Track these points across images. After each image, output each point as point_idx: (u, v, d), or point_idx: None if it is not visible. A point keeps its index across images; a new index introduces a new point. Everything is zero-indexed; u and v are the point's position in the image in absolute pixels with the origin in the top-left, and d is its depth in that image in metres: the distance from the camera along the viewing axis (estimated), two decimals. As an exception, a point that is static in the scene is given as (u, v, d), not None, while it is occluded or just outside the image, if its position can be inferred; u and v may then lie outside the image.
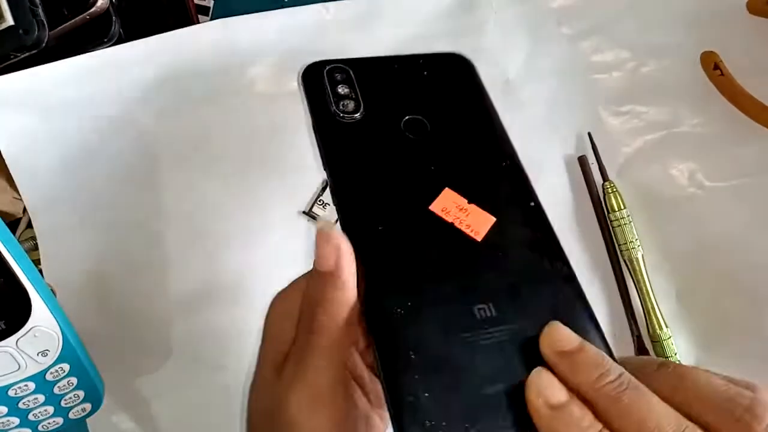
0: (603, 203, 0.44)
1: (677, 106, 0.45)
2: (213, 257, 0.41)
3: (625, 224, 0.42)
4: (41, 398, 0.31)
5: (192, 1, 0.44)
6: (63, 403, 0.32)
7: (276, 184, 0.42)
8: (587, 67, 0.45)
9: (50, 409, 0.32)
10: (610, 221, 0.43)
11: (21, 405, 0.31)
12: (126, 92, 0.40)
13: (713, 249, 0.43)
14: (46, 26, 0.36)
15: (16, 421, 0.31)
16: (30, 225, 0.40)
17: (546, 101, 0.45)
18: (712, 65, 0.43)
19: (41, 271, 0.39)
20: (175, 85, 0.41)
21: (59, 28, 0.38)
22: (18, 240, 0.35)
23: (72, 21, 0.38)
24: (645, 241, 0.43)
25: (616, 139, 0.45)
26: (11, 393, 0.30)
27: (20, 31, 0.36)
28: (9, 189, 0.40)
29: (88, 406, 0.33)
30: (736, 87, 0.43)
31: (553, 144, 0.45)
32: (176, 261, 0.41)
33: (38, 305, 0.29)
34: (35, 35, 0.36)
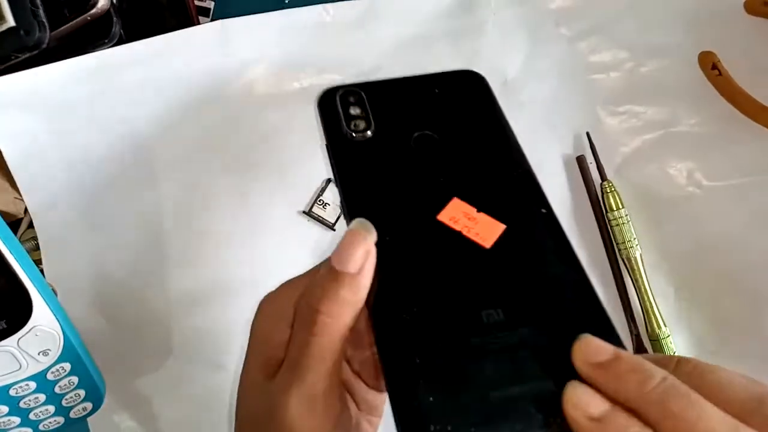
0: (601, 203, 0.44)
1: (675, 106, 0.45)
2: (213, 257, 0.42)
3: (624, 224, 0.43)
4: (42, 398, 0.31)
5: (192, 2, 0.44)
6: (64, 403, 0.32)
7: (276, 184, 0.43)
8: (586, 68, 0.45)
9: (51, 409, 0.32)
10: (609, 221, 0.43)
11: (22, 404, 0.31)
12: (127, 93, 0.41)
13: (712, 248, 0.43)
14: (47, 27, 0.36)
15: (17, 421, 0.31)
16: (31, 225, 0.40)
17: (544, 101, 0.45)
18: (710, 65, 0.43)
19: (42, 271, 0.39)
20: (176, 86, 0.41)
21: (60, 29, 0.38)
22: (19, 240, 0.35)
23: (73, 22, 0.38)
24: (643, 241, 0.43)
25: (615, 139, 0.45)
26: (12, 392, 0.30)
27: (21, 32, 0.36)
28: (10, 189, 0.40)
29: (89, 406, 0.33)
30: (734, 87, 0.43)
31: (552, 144, 0.45)
32: (177, 261, 0.41)
33: (39, 305, 0.29)
34: (36, 36, 0.36)
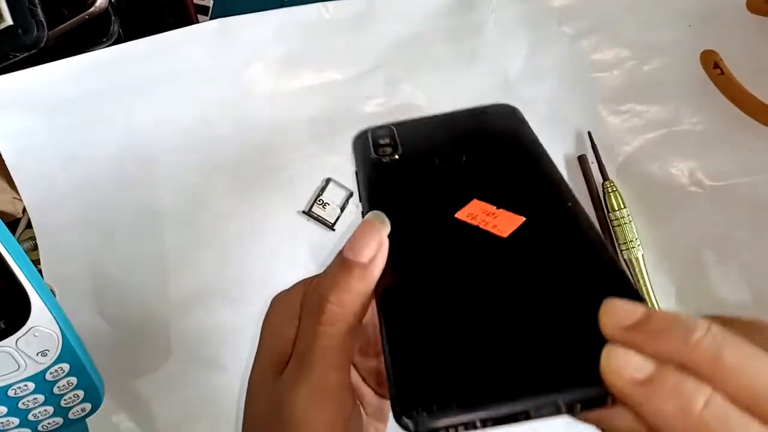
0: (603, 202, 0.44)
1: (677, 105, 0.45)
2: (213, 257, 0.41)
3: (625, 223, 0.42)
4: (41, 398, 0.31)
5: (191, 1, 0.44)
6: (63, 403, 0.32)
7: (276, 184, 0.42)
8: (587, 66, 0.45)
9: (50, 409, 0.32)
10: (610, 220, 0.43)
11: (21, 405, 0.31)
12: (125, 92, 0.40)
13: (714, 248, 0.43)
14: (45, 26, 0.36)
15: (16, 421, 0.31)
16: (29, 225, 0.40)
17: (546, 100, 0.45)
18: (712, 64, 0.43)
19: (41, 272, 0.39)
20: (175, 85, 0.41)
21: (58, 28, 0.38)
22: (17, 240, 0.35)
23: (71, 21, 0.38)
24: (645, 241, 0.43)
25: (616, 138, 0.45)
26: (11, 393, 0.30)
27: (19, 31, 0.36)
28: (8, 189, 0.40)
29: (88, 406, 0.33)
30: (736, 86, 0.43)
31: (553, 143, 0.44)
32: (176, 261, 0.41)
33: (38, 305, 0.29)
34: (34, 35, 0.36)
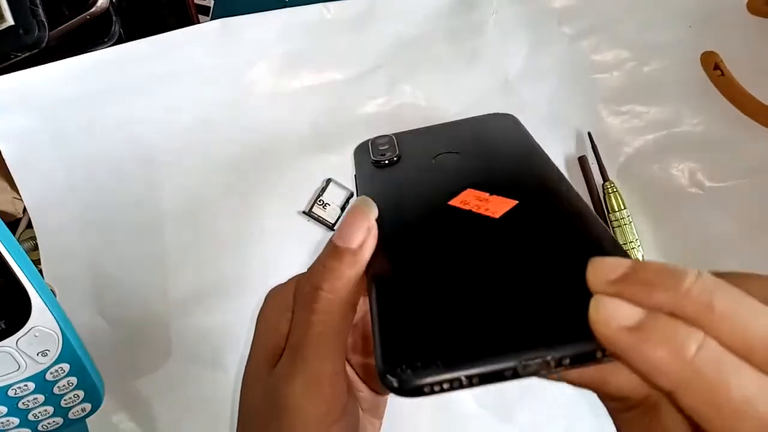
0: (603, 203, 0.44)
1: (678, 106, 0.45)
2: (213, 257, 0.41)
3: (626, 224, 0.42)
4: (41, 398, 0.31)
5: (192, 1, 0.44)
6: (63, 403, 0.32)
7: (276, 185, 0.42)
8: (587, 67, 0.45)
9: (50, 409, 0.32)
10: (611, 221, 0.43)
11: (21, 405, 0.31)
12: (126, 92, 0.40)
13: (714, 249, 0.43)
14: (47, 26, 0.36)
15: (16, 421, 0.31)
16: (30, 225, 0.40)
17: (546, 101, 0.45)
18: (713, 65, 0.43)
19: (41, 272, 0.39)
20: (176, 85, 0.41)
21: (59, 28, 0.38)
22: (18, 240, 0.35)
23: (72, 21, 0.38)
24: (645, 241, 0.43)
25: (617, 139, 0.45)
26: (11, 393, 0.30)
27: (20, 31, 0.36)
28: (9, 189, 0.40)
29: (88, 406, 0.33)
30: (737, 87, 0.43)
31: (553, 144, 0.45)
32: (176, 261, 0.41)
33: (38, 305, 0.29)
34: (35, 35, 0.36)
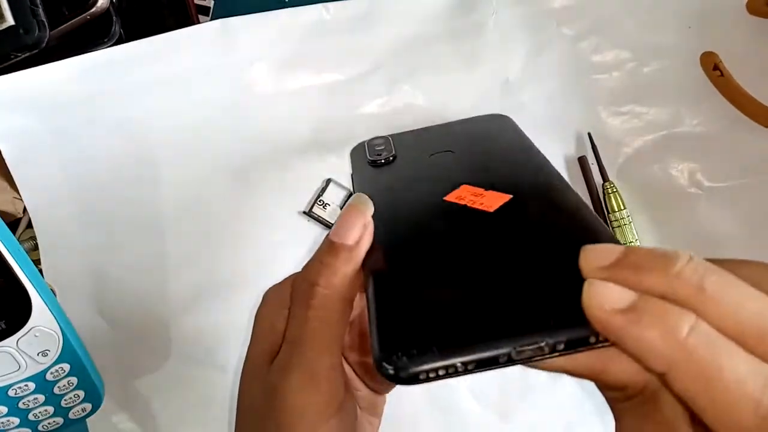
0: (603, 204, 0.44)
1: (677, 107, 0.45)
2: (213, 257, 0.41)
3: (626, 224, 0.42)
4: (41, 398, 0.31)
5: (192, 1, 0.44)
6: (63, 403, 0.32)
7: (276, 184, 0.42)
8: (587, 68, 0.45)
9: (50, 409, 0.32)
10: (611, 222, 0.43)
11: (21, 405, 0.31)
12: (126, 92, 0.40)
13: (713, 249, 0.43)
14: (47, 26, 0.36)
15: (16, 421, 0.31)
16: (30, 225, 0.40)
17: (546, 101, 0.45)
18: (712, 66, 0.43)
19: (41, 271, 0.39)
20: (176, 85, 0.41)
21: (60, 28, 0.38)
22: (18, 240, 0.35)
23: (72, 21, 0.38)
24: (645, 242, 0.43)
25: (616, 140, 0.45)
26: (11, 393, 0.30)
27: (21, 31, 0.36)
28: (9, 189, 0.40)
29: (88, 406, 0.33)
30: (736, 87, 0.43)
31: (553, 144, 0.45)
32: (176, 261, 0.41)
33: (38, 305, 0.29)
34: (36, 35, 0.36)
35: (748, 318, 0.14)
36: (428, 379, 0.16)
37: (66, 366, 0.31)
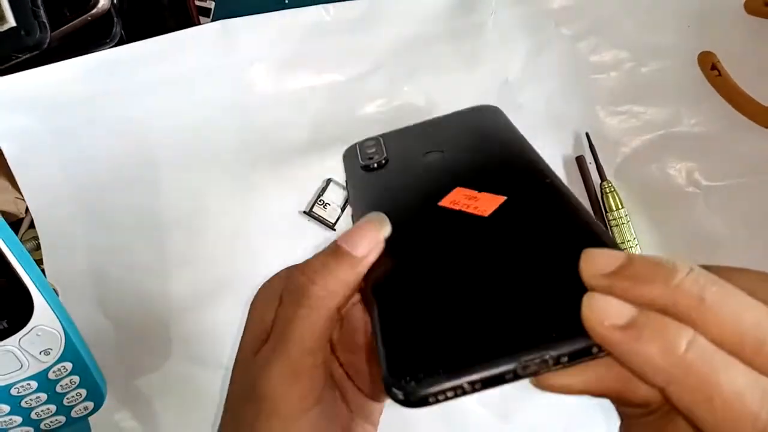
0: (601, 203, 0.44)
1: (675, 106, 0.45)
2: (214, 257, 0.42)
3: (623, 224, 0.43)
4: (43, 397, 0.31)
5: (193, 3, 0.44)
6: (65, 402, 0.32)
7: (276, 184, 0.43)
8: (586, 68, 0.45)
9: (52, 408, 0.32)
10: (608, 221, 0.43)
11: (23, 404, 0.31)
12: (127, 93, 0.41)
13: (711, 248, 0.43)
14: (48, 27, 0.36)
15: (19, 420, 0.31)
16: (32, 225, 0.40)
17: (545, 101, 0.45)
18: (710, 65, 0.43)
19: (43, 271, 0.39)
20: (176, 86, 0.41)
21: (61, 29, 0.38)
22: (20, 240, 0.35)
23: (73, 22, 0.39)
24: (643, 241, 0.43)
25: (614, 139, 0.45)
26: (13, 392, 0.30)
27: (22, 32, 0.36)
28: (11, 189, 0.40)
29: (90, 405, 0.33)
30: (734, 87, 0.43)
31: (551, 144, 0.45)
32: (177, 261, 0.41)
33: (40, 305, 0.29)
34: (37, 36, 0.36)
35: (747, 328, 0.14)
36: (437, 401, 0.17)
37: (68, 365, 0.31)
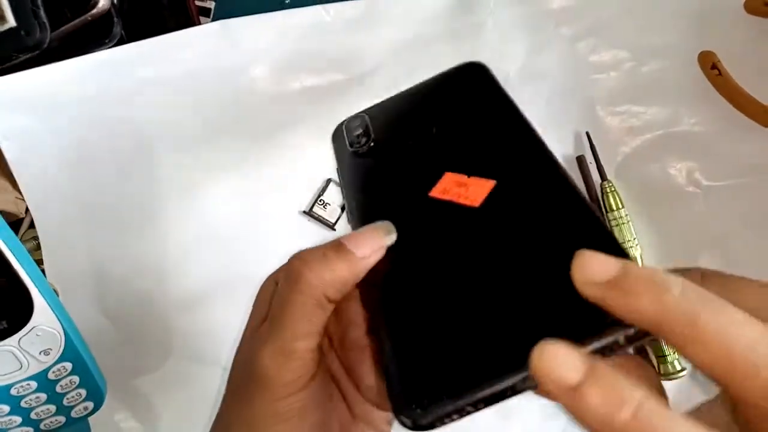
0: (601, 203, 0.44)
1: (675, 106, 0.45)
2: (214, 257, 0.42)
3: (624, 223, 0.43)
4: (43, 397, 0.31)
5: (193, 3, 0.44)
6: (65, 402, 0.32)
7: (277, 185, 0.43)
8: (585, 68, 0.45)
9: (52, 408, 0.32)
10: (609, 221, 0.43)
11: (23, 404, 0.31)
12: (127, 93, 0.41)
13: (711, 248, 0.43)
14: (48, 27, 0.36)
15: (18, 420, 0.31)
16: (32, 225, 0.40)
17: (544, 101, 0.45)
18: (710, 65, 0.43)
19: (43, 271, 0.39)
20: (177, 86, 0.41)
21: (61, 29, 0.38)
22: (20, 240, 0.35)
23: (73, 22, 0.39)
24: (643, 241, 0.43)
25: (615, 139, 0.45)
26: (13, 392, 0.30)
27: (22, 32, 0.36)
28: (11, 189, 0.40)
29: (90, 405, 0.33)
30: (734, 86, 0.43)
31: (552, 144, 0.44)
32: (177, 261, 0.41)
33: (40, 305, 0.29)
34: (37, 36, 0.36)
35: (739, 352, 0.14)
36: (444, 423, 0.17)
37: (68, 365, 0.31)
